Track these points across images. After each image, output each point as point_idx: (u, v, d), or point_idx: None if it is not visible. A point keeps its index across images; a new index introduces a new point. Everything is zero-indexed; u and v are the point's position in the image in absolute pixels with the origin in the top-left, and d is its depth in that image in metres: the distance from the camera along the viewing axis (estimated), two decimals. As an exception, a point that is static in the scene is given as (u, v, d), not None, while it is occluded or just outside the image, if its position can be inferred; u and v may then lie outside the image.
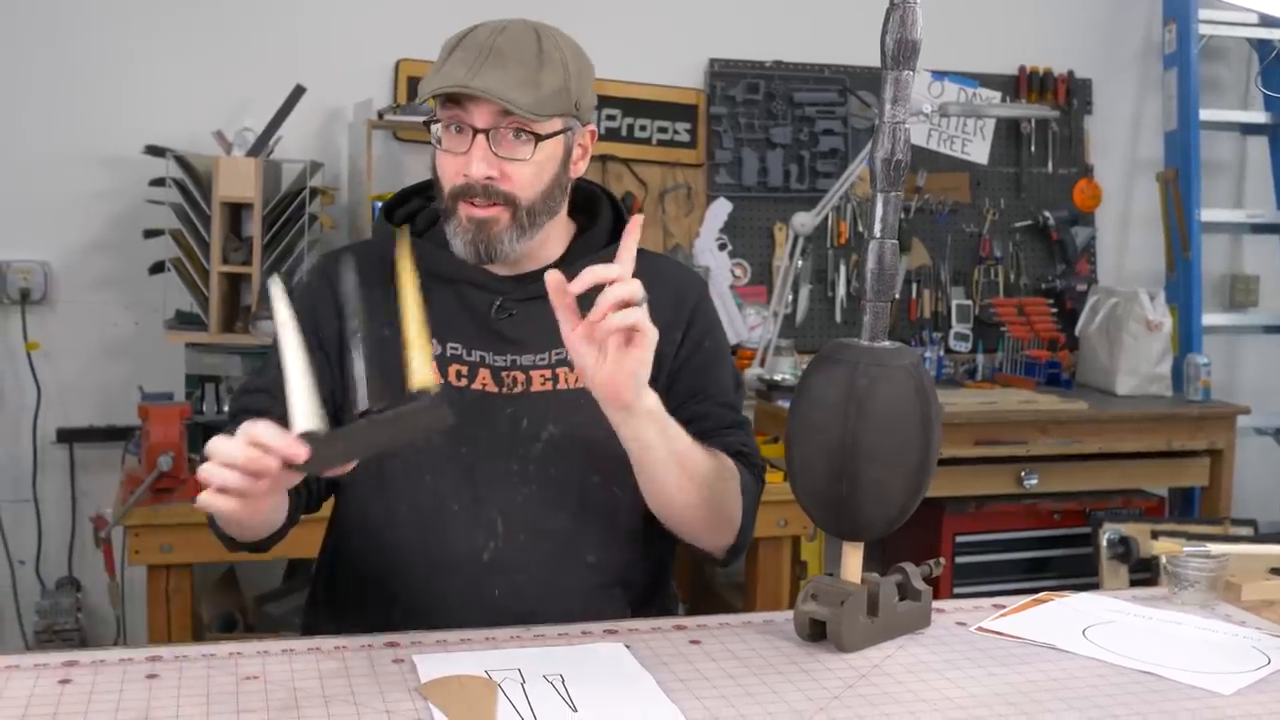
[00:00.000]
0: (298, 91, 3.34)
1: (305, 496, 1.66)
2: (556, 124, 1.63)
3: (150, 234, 3.34)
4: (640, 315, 1.41)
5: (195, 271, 3.23)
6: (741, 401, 1.82)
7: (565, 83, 1.62)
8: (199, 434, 3.00)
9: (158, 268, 3.32)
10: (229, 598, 3.31)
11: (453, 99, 1.59)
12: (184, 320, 3.33)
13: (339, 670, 1.40)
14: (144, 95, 3.52)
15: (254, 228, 3.20)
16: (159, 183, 3.27)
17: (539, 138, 1.61)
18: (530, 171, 1.61)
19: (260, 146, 3.29)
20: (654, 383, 1.70)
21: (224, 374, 3.15)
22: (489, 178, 1.59)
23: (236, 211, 3.27)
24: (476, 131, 1.59)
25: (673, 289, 1.77)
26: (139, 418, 2.85)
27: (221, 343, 3.18)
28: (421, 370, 1.38)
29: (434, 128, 1.63)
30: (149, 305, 3.47)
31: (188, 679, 1.36)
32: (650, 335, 1.43)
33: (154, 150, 3.29)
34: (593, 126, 1.72)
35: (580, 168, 1.71)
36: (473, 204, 1.61)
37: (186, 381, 3.21)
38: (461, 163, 1.60)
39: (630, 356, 1.43)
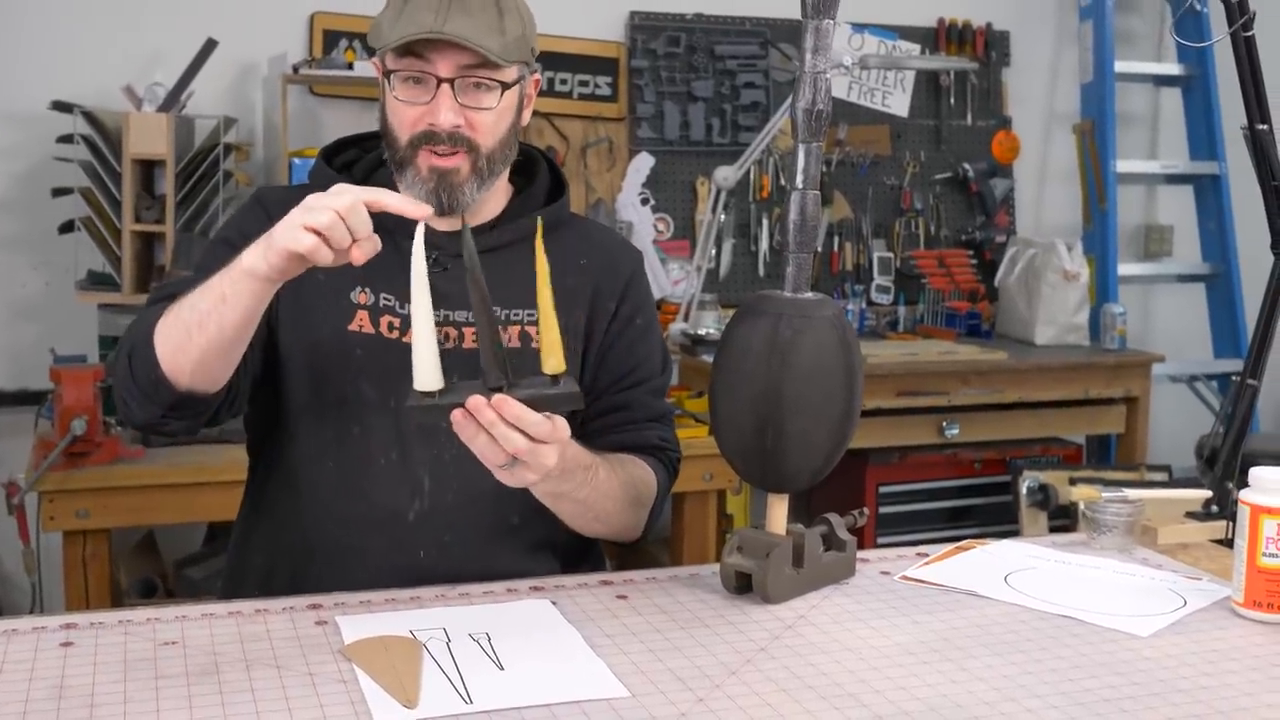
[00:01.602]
0: (210, 45, 3.27)
1: (233, 393, 1.60)
2: (514, 72, 1.62)
3: (59, 192, 3.25)
4: (530, 468, 1.39)
5: (106, 230, 3.15)
6: (668, 381, 1.83)
7: (524, 30, 1.63)
8: (113, 397, 2.94)
9: (67, 227, 3.24)
10: (148, 563, 3.26)
11: (411, 49, 1.57)
12: (96, 280, 3.25)
13: (260, 634, 1.38)
14: (50, 49, 3.42)
15: (167, 185, 3.13)
16: (67, 139, 3.18)
17: (505, 86, 1.61)
18: (492, 119, 1.61)
19: (172, 102, 3.21)
20: (584, 355, 1.71)
21: (138, 335, 3.08)
22: (456, 126, 1.59)
23: (148, 169, 3.19)
24: (440, 81, 1.57)
25: (607, 258, 1.77)
26: (51, 381, 2.78)
27: (135, 303, 3.10)
28: (558, 353, 1.38)
29: (391, 78, 1.60)
30: (59, 265, 3.38)
31: (104, 646, 1.34)
32: (540, 471, 1.40)
33: (61, 106, 3.20)
34: (537, 75, 1.72)
35: (526, 116, 1.71)
36: (434, 152, 1.60)
37: (100, 343, 3.14)
38: (423, 111, 1.59)
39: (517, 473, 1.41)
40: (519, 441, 1.36)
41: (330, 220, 1.34)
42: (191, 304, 1.46)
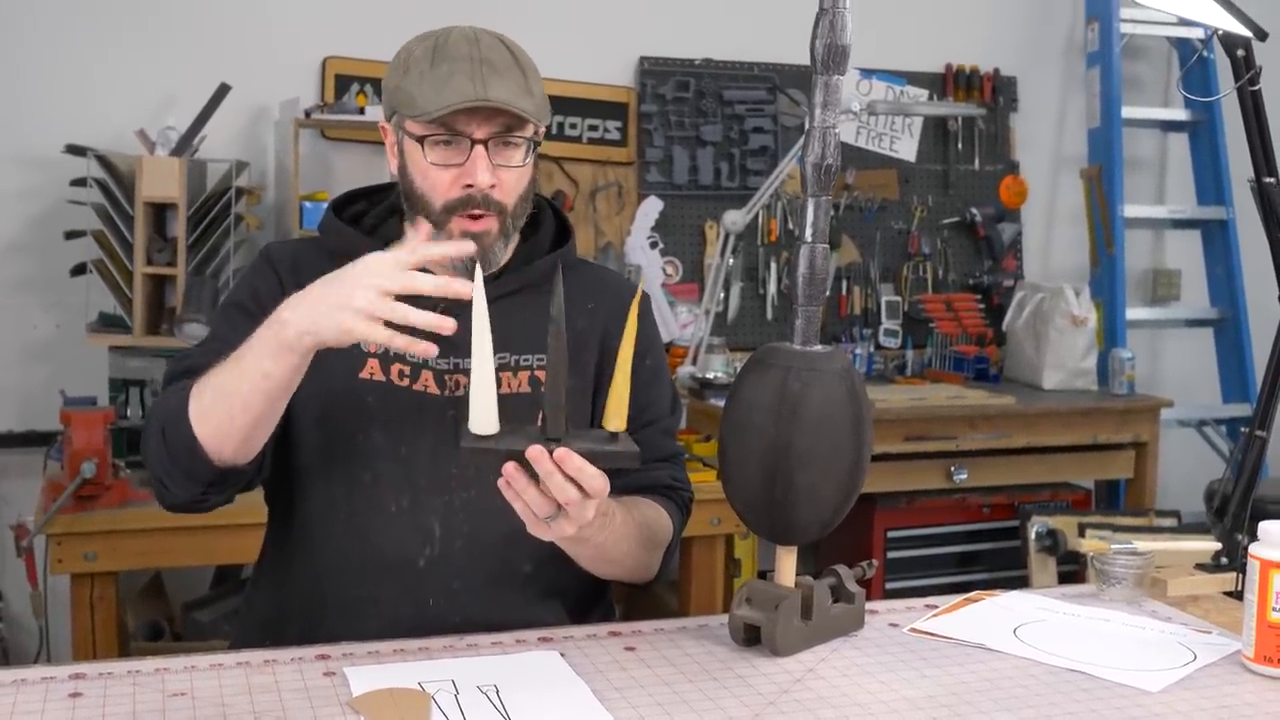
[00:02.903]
0: (223, 90, 3.29)
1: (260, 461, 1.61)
2: (531, 128, 1.65)
3: (71, 235, 3.27)
4: (576, 517, 1.40)
5: (118, 273, 3.17)
6: (678, 421, 1.85)
7: (543, 88, 1.66)
8: (123, 439, 2.95)
9: (79, 269, 3.26)
10: (155, 605, 3.26)
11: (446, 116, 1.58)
12: (107, 323, 3.26)
13: (269, 684, 1.38)
14: (65, 93, 3.45)
15: (178, 228, 3.14)
16: (80, 183, 3.21)
17: (531, 142, 1.64)
18: (517, 177, 1.65)
19: (184, 146, 3.23)
20: (594, 398, 1.72)
21: (148, 378, 3.09)
22: (491, 185, 1.61)
23: (160, 212, 3.21)
24: (474, 142, 1.59)
25: (616, 301, 1.78)
26: (61, 423, 2.78)
27: (146, 345, 3.12)
28: (623, 413, 1.40)
29: (424, 142, 1.61)
30: (71, 307, 3.40)
31: (112, 697, 1.34)
32: (579, 523, 1.40)
33: (75, 149, 3.22)
34: (543, 126, 1.73)
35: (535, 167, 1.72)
36: (469, 217, 1.62)
37: (110, 385, 3.14)
38: (457, 174, 1.61)
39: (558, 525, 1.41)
40: (572, 493, 1.36)
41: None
42: (231, 388, 1.47)
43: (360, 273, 1.40)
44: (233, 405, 1.47)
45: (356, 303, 1.38)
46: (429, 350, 1.40)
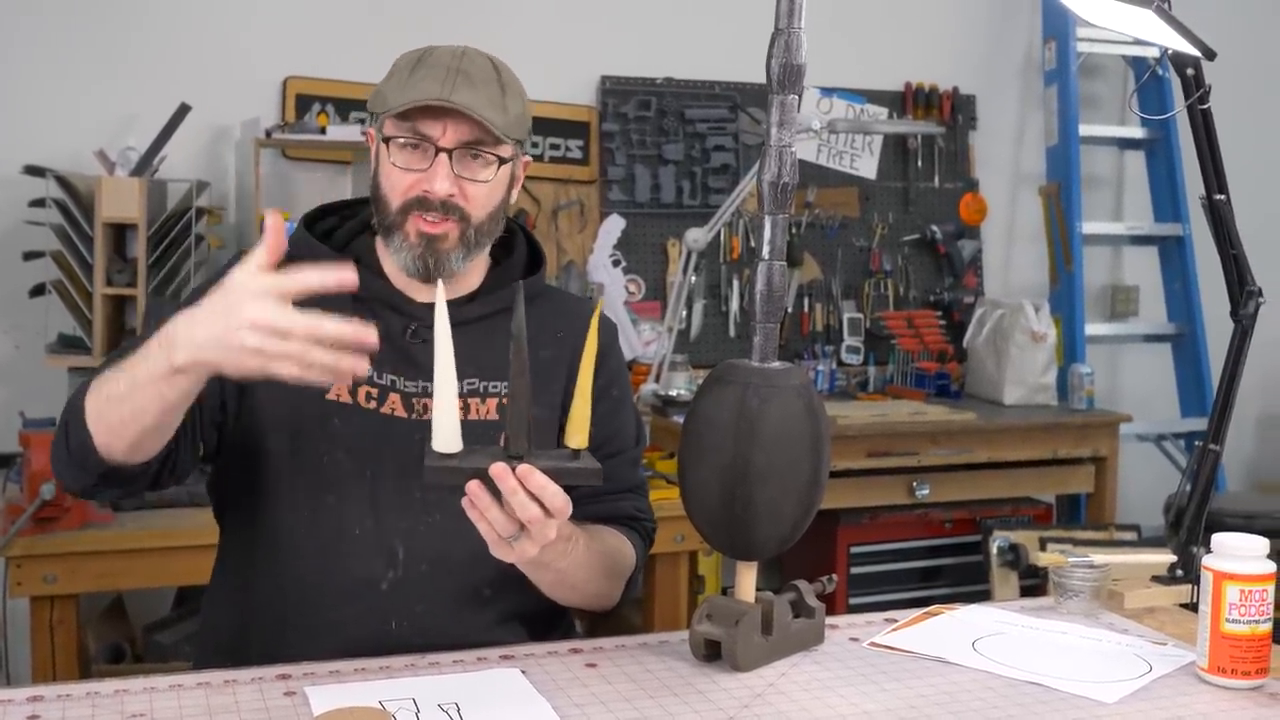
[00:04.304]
0: (183, 110, 3.29)
1: (172, 459, 1.56)
2: (510, 149, 1.65)
3: (30, 256, 3.25)
4: (539, 535, 1.39)
5: (78, 294, 3.15)
6: (642, 450, 1.86)
7: (523, 110, 1.66)
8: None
9: (38, 290, 3.24)
10: (116, 628, 3.23)
11: (413, 117, 1.59)
12: (66, 344, 3.24)
13: (229, 705, 1.38)
14: (23, 113, 3.43)
15: (138, 249, 3.13)
16: (39, 203, 3.19)
17: (501, 160, 1.64)
18: (485, 192, 1.64)
19: (144, 166, 3.22)
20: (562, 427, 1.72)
21: (108, 399, 3.07)
22: (449, 194, 1.61)
23: (120, 232, 3.20)
24: (439, 150, 1.60)
25: (585, 329, 1.77)
26: (20, 445, 2.77)
27: (106, 367, 3.10)
28: (584, 431, 1.40)
29: (390, 144, 1.62)
30: (30, 329, 3.37)
31: (71, 719, 1.33)
32: (541, 544, 1.41)
33: (33, 170, 3.21)
34: (528, 157, 1.75)
35: (514, 195, 1.73)
36: (425, 218, 1.62)
37: (69, 407, 3.12)
38: (418, 178, 1.61)
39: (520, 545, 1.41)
40: (535, 512, 1.36)
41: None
42: (125, 396, 1.42)
43: (235, 302, 1.29)
44: (123, 413, 1.43)
45: (246, 341, 1.28)
46: (358, 369, 1.32)
